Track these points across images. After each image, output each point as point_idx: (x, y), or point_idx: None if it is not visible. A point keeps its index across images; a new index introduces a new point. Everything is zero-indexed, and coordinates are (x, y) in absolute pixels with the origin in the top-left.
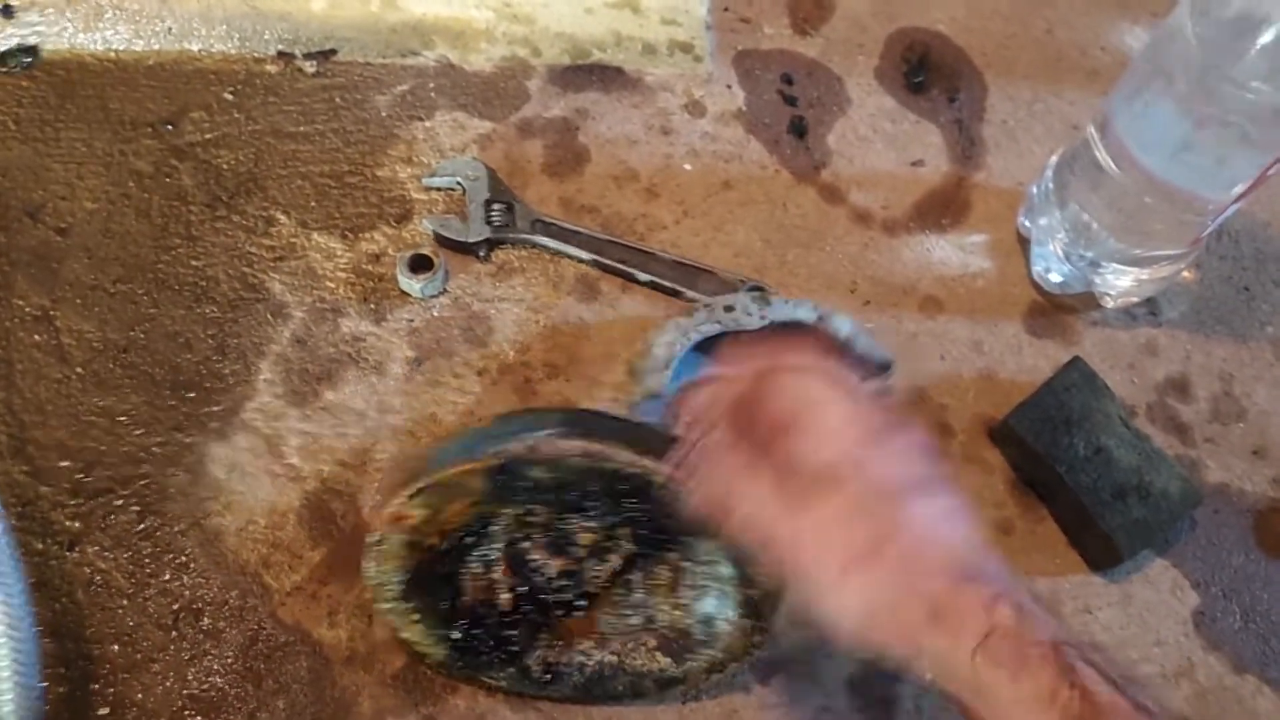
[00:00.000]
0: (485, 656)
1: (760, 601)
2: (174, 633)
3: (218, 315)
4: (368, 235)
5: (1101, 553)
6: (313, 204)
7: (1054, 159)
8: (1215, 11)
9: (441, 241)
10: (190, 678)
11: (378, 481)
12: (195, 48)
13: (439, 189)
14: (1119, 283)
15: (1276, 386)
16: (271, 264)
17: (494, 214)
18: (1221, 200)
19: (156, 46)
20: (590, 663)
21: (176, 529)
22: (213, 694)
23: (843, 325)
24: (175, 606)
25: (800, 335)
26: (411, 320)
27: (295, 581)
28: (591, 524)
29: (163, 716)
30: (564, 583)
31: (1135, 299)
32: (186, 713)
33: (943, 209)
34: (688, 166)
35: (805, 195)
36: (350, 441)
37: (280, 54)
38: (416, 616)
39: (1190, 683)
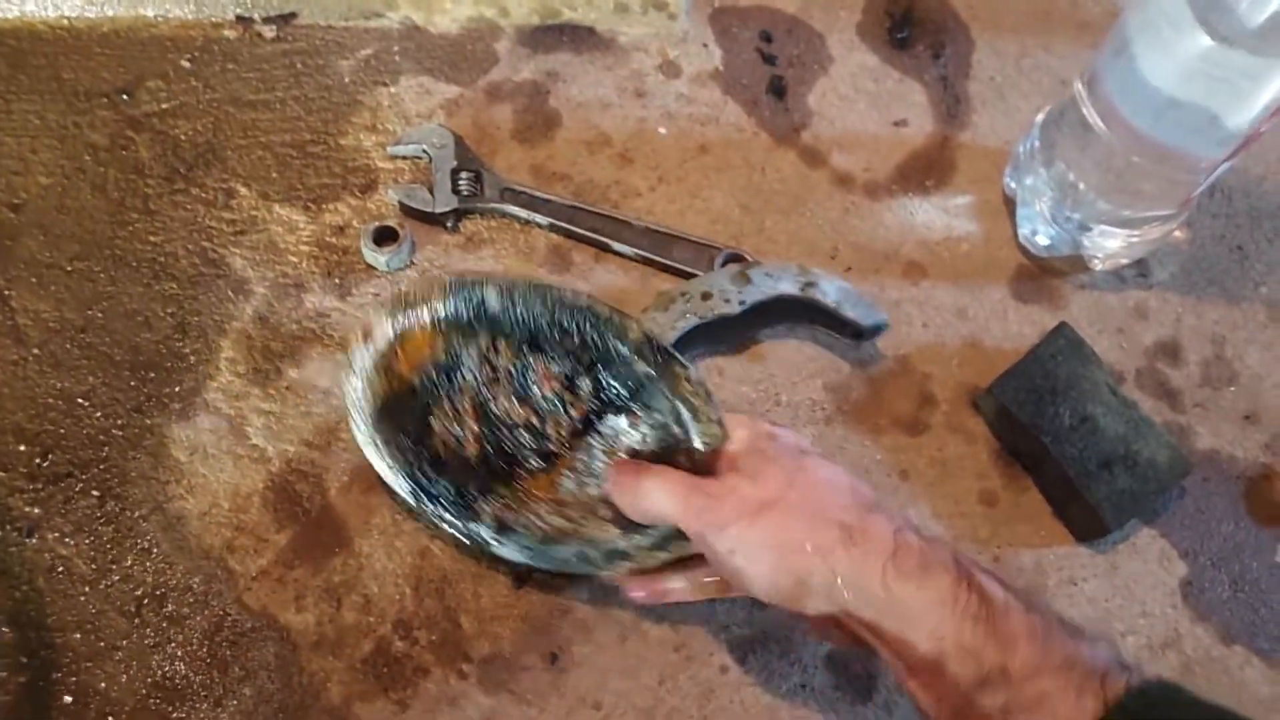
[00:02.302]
0: (444, 504)
1: None
2: (137, 619)
3: (177, 292)
4: (331, 207)
5: (1087, 524)
6: (274, 175)
7: (1040, 117)
8: None
9: (407, 212)
10: (154, 665)
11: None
12: (150, 13)
13: (404, 157)
14: (1107, 244)
15: (1269, 349)
16: (232, 238)
17: (461, 183)
18: (1212, 159)
19: (110, 13)
20: (543, 524)
21: (138, 513)
22: (178, 681)
23: (830, 290)
24: (138, 593)
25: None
26: (377, 294)
27: (261, 566)
28: (553, 368)
29: (127, 705)
30: (527, 436)
31: (1124, 260)
32: (151, 701)
33: (926, 170)
34: (662, 130)
35: (785, 158)
36: (315, 421)
37: (239, 18)
38: (386, 449)
39: (1177, 654)
